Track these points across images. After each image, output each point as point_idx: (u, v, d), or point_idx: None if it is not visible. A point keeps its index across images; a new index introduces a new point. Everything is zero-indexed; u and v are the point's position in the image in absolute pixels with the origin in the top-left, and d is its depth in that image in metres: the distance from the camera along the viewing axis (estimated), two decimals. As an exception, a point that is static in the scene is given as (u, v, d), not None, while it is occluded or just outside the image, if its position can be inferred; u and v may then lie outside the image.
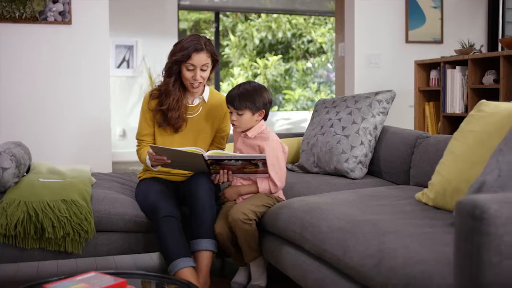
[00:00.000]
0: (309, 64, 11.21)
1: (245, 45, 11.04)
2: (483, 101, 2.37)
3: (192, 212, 2.59)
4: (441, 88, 4.28)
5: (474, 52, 4.14)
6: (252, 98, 2.62)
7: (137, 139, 2.88)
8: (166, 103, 2.74)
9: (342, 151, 3.13)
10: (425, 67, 4.53)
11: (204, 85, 2.83)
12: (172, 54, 2.70)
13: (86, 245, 2.62)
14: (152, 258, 3.24)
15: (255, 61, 10.99)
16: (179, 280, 2.01)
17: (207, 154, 2.54)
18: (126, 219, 2.64)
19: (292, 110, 10.63)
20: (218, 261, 3.20)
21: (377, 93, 3.29)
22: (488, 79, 3.87)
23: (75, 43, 4.17)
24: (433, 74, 4.42)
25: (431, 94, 4.51)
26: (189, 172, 2.78)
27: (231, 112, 2.68)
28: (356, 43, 5.15)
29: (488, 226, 1.28)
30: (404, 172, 3.00)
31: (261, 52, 11.05)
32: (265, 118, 2.74)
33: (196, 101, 2.84)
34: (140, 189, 2.77)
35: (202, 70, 2.69)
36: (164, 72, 2.77)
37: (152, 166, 2.74)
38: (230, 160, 2.55)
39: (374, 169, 3.21)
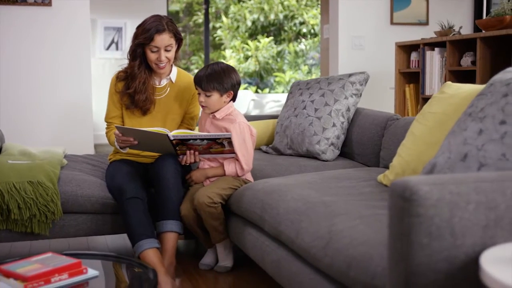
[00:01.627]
0: (302, 46, 11.17)
1: (238, 27, 10.99)
2: (447, 83, 2.37)
3: (158, 193, 2.60)
4: (420, 70, 4.26)
5: (454, 34, 4.12)
6: (220, 79, 2.61)
7: (106, 121, 2.88)
8: (133, 86, 2.73)
9: (314, 133, 3.13)
10: (405, 49, 4.51)
11: (172, 66, 2.83)
12: (135, 37, 2.70)
13: (54, 226, 2.63)
14: (125, 240, 3.25)
15: (247, 43, 10.94)
16: (136, 262, 2.02)
17: (172, 133, 2.55)
18: (93, 201, 2.65)
19: (283, 92, 10.60)
20: (192, 242, 3.22)
21: (350, 75, 3.28)
22: (466, 61, 3.86)
23: (55, 25, 4.15)
24: (414, 56, 4.40)
25: (411, 76, 4.50)
26: (159, 154, 2.78)
27: (199, 93, 2.67)
28: (340, 25, 5.13)
29: (418, 207, 1.29)
30: (375, 154, 3.00)
31: (253, 34, 11.01)
32: (233, 99, 2.73)
33: (164, 82, 2.83)
34: (109, 171, 2.77)
35: (166, 50, 2.69)
36: (128, 55, 2.76)
37: (120, 148, 2.75)
38: (196, 139, 2.55)
39: (346, 151, 3.21)
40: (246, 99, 8.10)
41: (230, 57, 10.78)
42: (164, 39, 2.65)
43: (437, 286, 1.31)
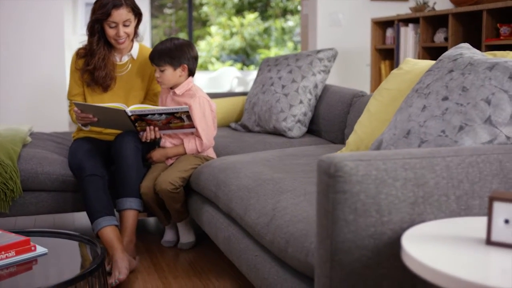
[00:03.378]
0: (290, 23, 11.08)
1: (224, 3, 10.88)
2: (407, 59, 2.35)
3: (117, 171, 2.58)
4: (395, 46, 4.23)
5: (428, 10, 4.09)
6: (171, 54, 2.61)
7: (68, 99, 2.85)
8: (92, 63, 2.70)
9: (281, 109, 3.11)
10: (381, 25, 4.47)
11: (133, 41, 2.79)
12: (93, 12, 2.66)
13: (14, 204, 2.61)
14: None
15: (231, 20, 10.84)
16: (86, 239, 2.01)
17: (130, 109, 2.53)
18: (53, 178, 2.63)
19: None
20: (156, 220, 3.21)
21: (318, 51, 3.25)
22: (439, 37, 3.83)
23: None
24: (389, 32, 4.37)
25: (387, 53, 4.47)
26: (121, 131, 2.75)
27: (155, 70, 2.66)
28: (319, 1, 5.07)
29: (343, 184, 1.28)
30: (341, 131, 2.99)
31: (240, 10, 10.90)
32: (191, 74, 2.71)
33: (125, 59, 2.80)
34: (70, 148, 2.75)
35: (125, 26, 2.65)
36: (87, 32, 2.73)
37: (82, 125, 2.73)
38: (154, 114, 2.53)
39: (314, 128, 3.20)
40: (230, 76, 8.06)
41: (216, 34, 10.69)
42: (121, 14, 2.61)
43: (363, 263, 1.30)
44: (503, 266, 1.08)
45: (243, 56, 10.88)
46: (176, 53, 2.60)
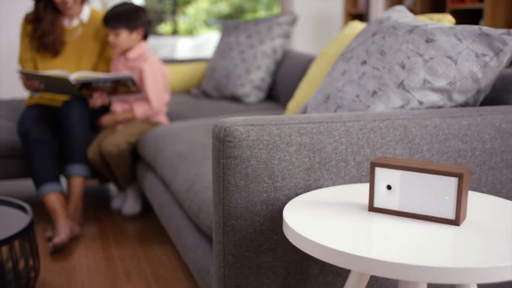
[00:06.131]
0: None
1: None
2: (351, 22, 2.30)
3: (65, 137, 2.56)
4: (365, 11, 4.16)
5: (399, -27, 4.00)
6: (127, 17, 2.58)
7: (19, 64, 2.81)
8: (40, 28, 2.66)
9: (238, 75, 3.07)
10: (354, -11, 4.40)
11: (82, 5, 2.73)
12: None
13: (-38, 170, 2.61)
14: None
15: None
16: (17, 204, 2.00)
17: (73, 77, 2.50)
18: (1, 144, 2.61)
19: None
20: (108, 186, 3.20)
21: (278, 16, 3.19)
22: (408, 2, 3.76)
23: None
24: (361, -4, 4.30)
25: (359, 18, 4.40)
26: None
27: (109, 34, 2.63)
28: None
29: (233, 149, 1.25)
30: (297, 97, 2.95)
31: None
32: (145, 38, 2.68)
33: (75, 23, 2.75)
34: (20, 115, 2.73)
35: None
36: None
37: (33, 91, 2.70)
38: (98, 82, 2.51)
39: (274, 94, 3.17)
40: (213, 41, 7.98)
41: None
42: None
43: (256, 229, 1.29)
44: (383, 233, 1.06)
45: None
46: (132, 16, 2.59)
